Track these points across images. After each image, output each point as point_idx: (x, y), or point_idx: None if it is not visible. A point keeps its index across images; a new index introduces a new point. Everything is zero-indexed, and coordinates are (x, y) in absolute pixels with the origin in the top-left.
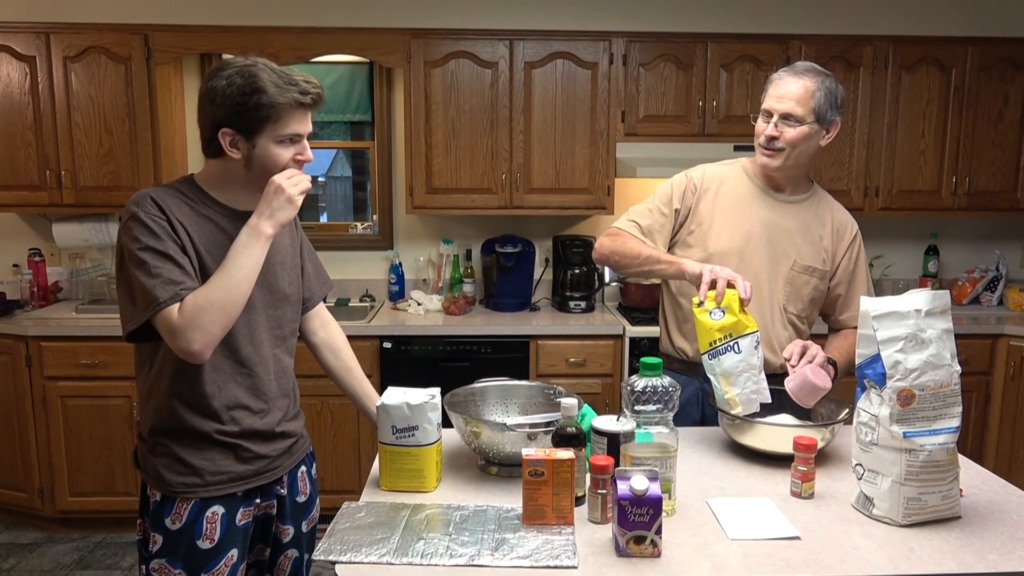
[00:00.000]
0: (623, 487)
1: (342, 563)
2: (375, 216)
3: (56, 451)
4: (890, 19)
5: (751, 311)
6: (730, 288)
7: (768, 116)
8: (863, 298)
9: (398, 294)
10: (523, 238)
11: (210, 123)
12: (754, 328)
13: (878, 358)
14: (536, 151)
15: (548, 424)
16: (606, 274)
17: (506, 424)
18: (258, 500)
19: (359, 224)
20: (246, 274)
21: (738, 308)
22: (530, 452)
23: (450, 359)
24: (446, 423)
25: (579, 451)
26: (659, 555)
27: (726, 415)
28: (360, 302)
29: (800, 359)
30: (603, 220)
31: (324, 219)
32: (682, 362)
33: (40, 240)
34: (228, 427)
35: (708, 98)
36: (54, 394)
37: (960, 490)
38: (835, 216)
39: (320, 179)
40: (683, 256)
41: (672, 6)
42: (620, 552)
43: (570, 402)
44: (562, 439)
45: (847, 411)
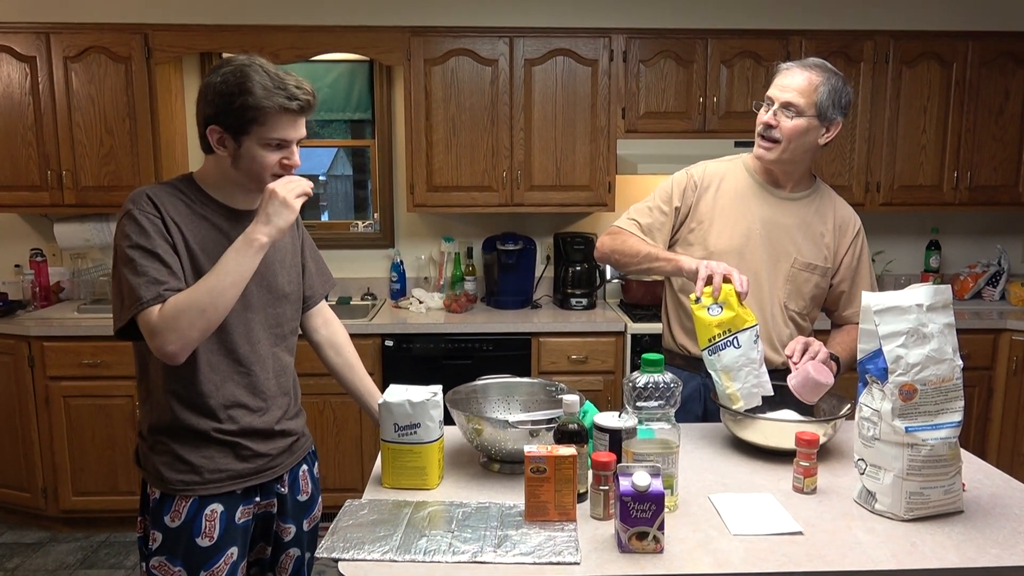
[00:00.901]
0: (625, 483)
1: (345, 560)
2: (376, 214)
3: (59, 451)
4: (890, 14)
5: (752, 307)
6: (726, 283)
7: (769, 104)
8: (864, 293)
9: (399, 292)
10: (524, 235)
11: (202, 119)
12: (753, 322)
13: (880, 353)
14: (537, 148)
15: (550, 421)
16: (607, 271)
17: (508, 421)
18: (258, 499)
19: (360, 222)
20: (233, 280)
21: (736, 303)
22: (532, 449)
23: (452, 357)
24: (448, 421)
25: (581, 448)
26: (661, 551)
27: (728, 410)
28: (362, 300)
29: (802, 356)
30: (604, 217)
31: (325, 218)
32: (684, 358)
33: (42, 240)
34: (226, 425)
35: (708, 94)
36: (57, 394)
37: (963, 484)
38: (837, 212)
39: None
40: (684, 254)
41: (672, 3)
42: (622, 548)
43: (572, 399)
44: (564, 436)
45: (849, 406)
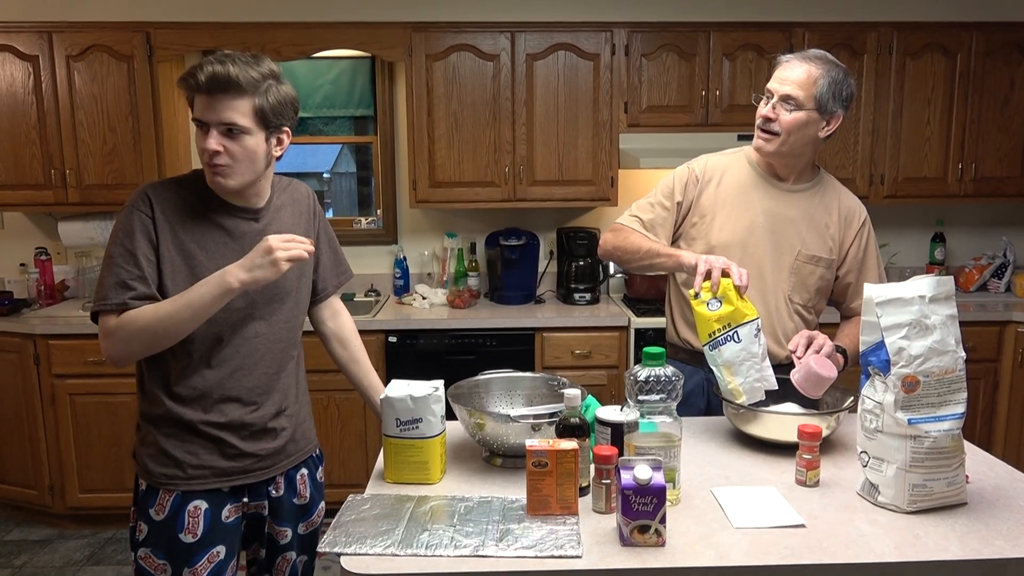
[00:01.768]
0: (627, 477)
1: (347, 555)
2: (379, 211)
3: (65, 449)
4: (894, 5)
5: (755, 301)
6: (725, 277)
7: (769, 96)
8: (866, 285)
9: (403, 288)
10: (527, 231)
11: None
12: (753, 316)
13: (882, 345)
14: (539, 143)
15: (552, 415)
16: (610, 265)
17: (510, 415)
18: (246, 499)
19: (363, 219)
20: (193, 314)
21: (735, 297)
22: (534, 443)
23: (456, 352)
24: (450, 415)
25: (583, 441)
26: (663, 544)
27: (730, 403)
28: (365, 297)
29: (806, 350)
30: (607, 212)
31: (329, 214)
32: (688, 352)
33: (46, 239)
34: (214, 417)
35: (711, 87)
36: (62, 392)
37: (966, 477)
38: (842, 203)
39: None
40: (687, 248)
41: None
42: (624, 541)
43: (573, 393)
44: (566, 430)
45: (852, 399)
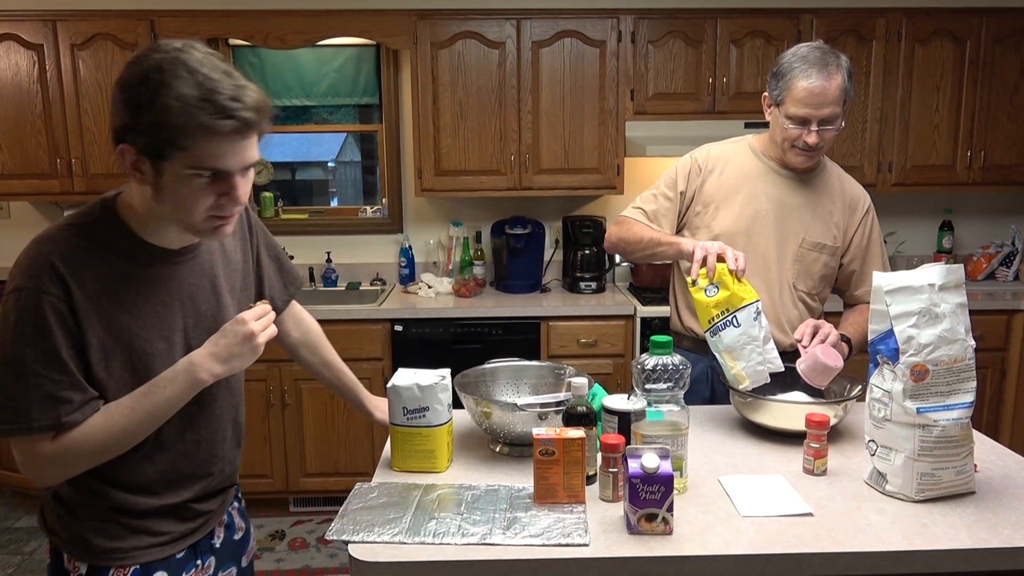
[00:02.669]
0: (634, 465)
1: (355, 543)
2: (384, 199)
3: None
4: None
5: (759, 289)
6: (721, 262)
7: (802, 123)
8: (875, 273)
9: (408, 277)
10: (533, 219)
11: (112, 132)
12: (751, 299)
13: (891, 333)
14: (545, 131)
15: (559, 404)
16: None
17: (517, 404)
18: (198, 562)
19: (369, 208)
20: (157, 421)
21: (731, 281)
22: (541, 432)
23: (461, 341)
24: (457, 404)
25: (590, 430)
26: (671, 532)
27: (737, 392)
28: (371, 286)
29: (812, 339)
30: (613, 200)
31: (335, 203)
32: (692, 340)
33: None
34: (167, 500)
35: (718, 75)
36: None
37: (975, 465)
38: (846, 190)
39: (330, 164)
40: (692, 238)
41: None
42: (632, 530)
43: (580, 381)
44: (573, 418)
45: (860, 388)
